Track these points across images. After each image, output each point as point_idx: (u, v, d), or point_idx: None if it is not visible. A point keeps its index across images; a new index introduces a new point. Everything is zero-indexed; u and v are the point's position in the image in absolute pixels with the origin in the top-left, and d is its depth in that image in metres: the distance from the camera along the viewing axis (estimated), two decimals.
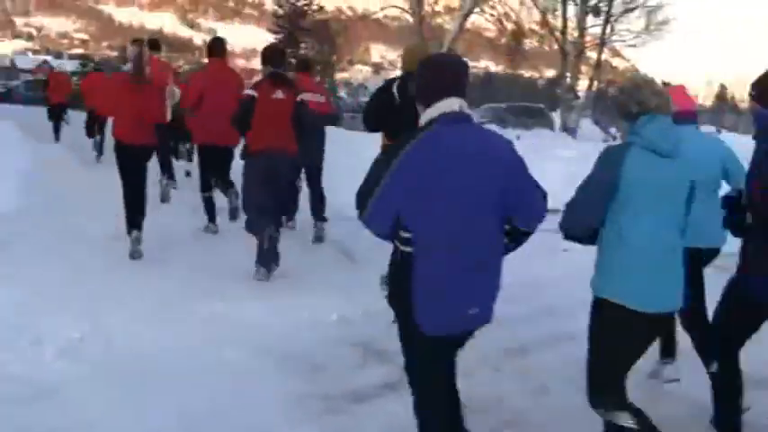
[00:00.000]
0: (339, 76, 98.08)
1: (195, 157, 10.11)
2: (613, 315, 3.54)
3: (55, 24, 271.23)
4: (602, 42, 31.03)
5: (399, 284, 3.30)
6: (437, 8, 23.95)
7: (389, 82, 6.26)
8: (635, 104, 3.61)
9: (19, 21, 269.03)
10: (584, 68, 32.25)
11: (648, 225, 3.47)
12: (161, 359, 5.19)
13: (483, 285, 3.43)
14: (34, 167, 10.78)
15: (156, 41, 10.97)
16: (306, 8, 71.54)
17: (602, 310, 3.62)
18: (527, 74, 58.46)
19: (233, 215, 8.23)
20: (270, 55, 7.39)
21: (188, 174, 11.97)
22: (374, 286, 6.26)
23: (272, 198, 7.05)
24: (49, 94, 18.90)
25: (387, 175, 3.14)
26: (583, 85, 32.61)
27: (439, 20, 34.33)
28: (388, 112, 6.02)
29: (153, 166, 8.49)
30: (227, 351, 5.43)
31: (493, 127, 24.07)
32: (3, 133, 14.03)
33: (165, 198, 10.37)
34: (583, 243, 3.84)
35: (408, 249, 3.22)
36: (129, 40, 8.97)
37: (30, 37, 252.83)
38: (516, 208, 3.39)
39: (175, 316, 5.97)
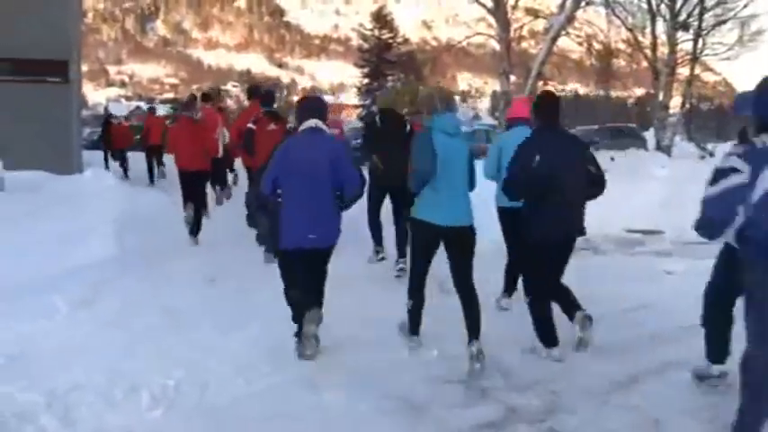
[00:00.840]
0: None
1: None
2: (417, 229, 6.24)
3: (146, 71, 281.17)
4: (693, 58, 30.84)
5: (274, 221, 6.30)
6: (522, 32, 24.56)
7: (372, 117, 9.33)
8: (429, 107, 6.33)
9: (112, 69, 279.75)
10: (675, 85, 32.10)
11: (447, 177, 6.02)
12: (256, 403, 5.26)
13: (318, 223, 6.11)
14: (130, 213, 11.85)
15: (207, 95, 15.50)
16: (391, 41, 72.92)
17: (414, 225, 6.25)
18: (616, 94, 58.17)
19: None
20: (264, 97, 10.47)
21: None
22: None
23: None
24: (145, 137, 21.77)
25: (272, 160, 6.23)
26: (675, 102, 32.47)
27: (524, 44, 35.00)
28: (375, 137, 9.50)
29: None
30: (324, 393, 5.43)
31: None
32: (99, 180, 15.30)
33: (219, 201, 13.13)
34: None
35: (279, 200, 6.14)
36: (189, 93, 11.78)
37: (122, 84, 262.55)
38: (341, 182, 6.19)
39: (269, 358, 6.05)
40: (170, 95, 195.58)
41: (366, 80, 74.13)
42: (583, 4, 18.36)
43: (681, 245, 11.47)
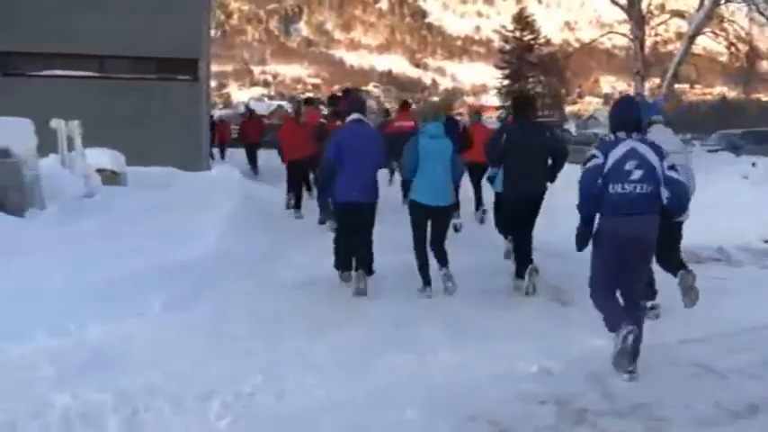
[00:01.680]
0: (569, 108, 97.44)
1: None
2: (412, 207, 8.61)
3: (289, 71, 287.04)
4: None
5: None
6: (667, 34, 23.56)
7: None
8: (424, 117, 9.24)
9: (256, 69, 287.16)
10: None
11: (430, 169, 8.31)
12: (334, 417, 5.02)
13: (362, 188, 8.45)
14: (244, 211, 12.11)
15: (311, 99, 18.51)
16: (532, 42, 72.09)
17: (411, 207, 8.61)
18: (766, 98, 55.46)
19: None
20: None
21: None
22: (584, 333, 6.46)
23: None
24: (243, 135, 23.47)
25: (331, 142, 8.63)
26: None
27: (670, 46, 33.60)
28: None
29: None
30: (406, 410, 5.09)
31: (725, 155, 23.45)
32: (224, 177, 15.52)
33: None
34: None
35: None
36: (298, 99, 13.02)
37: (266, 84, 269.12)
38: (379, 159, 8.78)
39: (352, 368, 5.84)
40: (312, 95, 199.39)
41: (507, 81, 73.50)
42: (722, 1, 17.35)
43: None
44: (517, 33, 73.58)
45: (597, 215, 6.10)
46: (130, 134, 18.80)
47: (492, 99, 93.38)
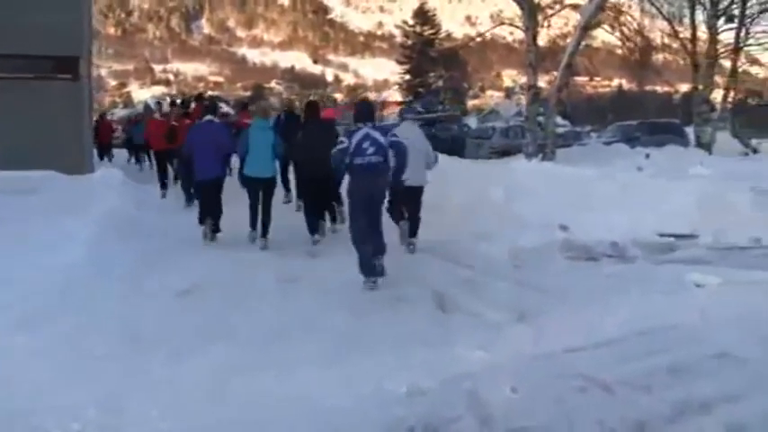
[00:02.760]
0: (471, 103, 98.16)
1: None
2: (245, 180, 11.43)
3: (191, 69, 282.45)
4: (736, 49, 29.10)
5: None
6: (567, 28, 23.38)
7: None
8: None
9: (157, 67, 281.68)
10: (720, 80, 30.51)
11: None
12: None
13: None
14: (121, 216, 11.87)
15: (200, 95, 21.12)
16: (433, 37, 72.06)
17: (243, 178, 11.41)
18: (663, 90, 56.72)
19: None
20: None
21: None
22: (463, 345, 6.09)
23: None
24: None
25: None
26: (719, 96, 30.87)
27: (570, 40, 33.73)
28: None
29: None
30: None
31: (621, 146, 23.64)
32: (104, 180, 14.82)
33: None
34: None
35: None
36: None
37: (168, 83, 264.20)
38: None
39: (205, 393, 5.35)
40: (214, 93, 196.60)
41: (408, 77, 73.30)
42: None
43: (717, 251, 10.36)
44: (418, 28, 73.36)
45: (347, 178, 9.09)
46: (7, 137, 17.84)
47: (395, 95, 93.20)
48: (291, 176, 13.84)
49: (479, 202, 12.12)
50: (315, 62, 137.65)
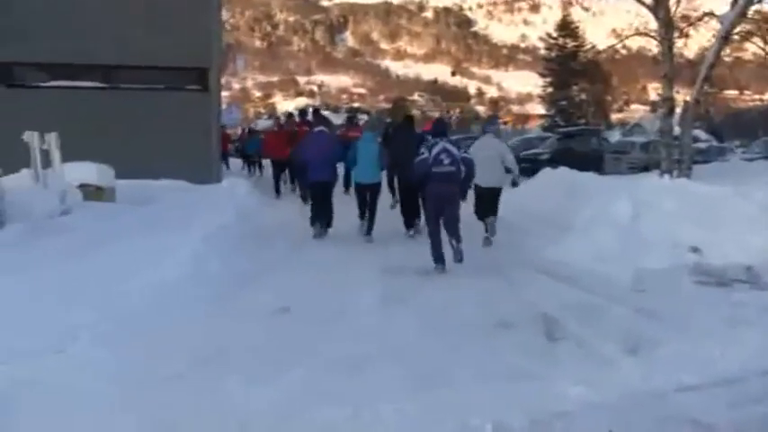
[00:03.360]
0: (615, 116, 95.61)
1: None
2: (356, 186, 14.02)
3: (335, 81, 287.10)
4: None
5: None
6: (708, 43, 22.14)
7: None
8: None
9: (301, 79, 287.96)
10: None
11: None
12: None
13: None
14: (233, 229, 11.81)
15: (317, 110, 22.68)
16: (576, 50, 70.34)
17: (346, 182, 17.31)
18: None
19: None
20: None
21: None
22: (566, 379, 5.67)
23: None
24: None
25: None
26: None
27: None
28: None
29: None
30: None
31: (763, 163, 22.22)
32: (227, 190, 14.95)
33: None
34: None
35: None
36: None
37: (311, 94, 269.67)
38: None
39: (268, 427, 5.02)
40: (357, 105, 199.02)
41: (551, 90, 71.81)
42: None
43: None
44: (560, 41, 71.77)
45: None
46: (139, 146, 18.36)
47: (538, 108, 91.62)
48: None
49: (602, 219, 11.42)
50: (453, 74, 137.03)
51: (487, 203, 12.84)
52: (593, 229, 11.32)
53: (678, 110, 17.34)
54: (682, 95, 20.86)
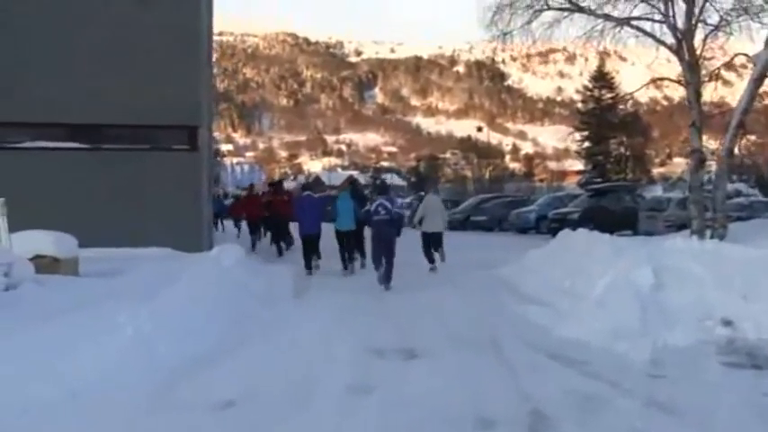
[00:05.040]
0: (657, 171, 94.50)
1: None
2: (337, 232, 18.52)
3: (364, 139, 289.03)
4: None
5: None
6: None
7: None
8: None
9: (329, 138, 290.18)
10: None
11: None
12: None
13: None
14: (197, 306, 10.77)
15: (281, 181, 30.75)
16: (613, 101, 69.24)
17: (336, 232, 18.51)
18: None
19: None
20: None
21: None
22: None
23: None
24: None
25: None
26: None
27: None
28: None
29: None
30: None
31: None
32: (212, 260, 14.27)
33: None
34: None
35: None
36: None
37: (340, 153, 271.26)
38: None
39: None
40: (386, 164, 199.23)
41: (587, 144, 70.37)
42: None
43: None
44: (596, 92, 70.70)
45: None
46: (123, 211, 17.85)
47: (576, 164, 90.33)
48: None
49: (621, 287, 10.45)
50: (479, 130, 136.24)
51: (433, 243, 18.61)
52: (610, 300, 10.39)
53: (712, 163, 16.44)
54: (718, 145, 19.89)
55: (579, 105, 76.31)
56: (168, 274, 12.70)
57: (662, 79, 18.56)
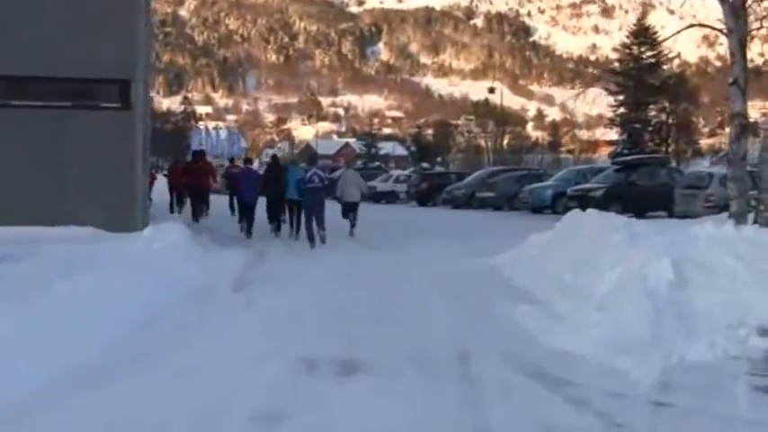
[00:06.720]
0: (705, 142, 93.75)
1: None
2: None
3: (365, 102, 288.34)
4: None
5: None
6: None
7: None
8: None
9: (325, 101, 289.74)
10: None
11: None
12: None
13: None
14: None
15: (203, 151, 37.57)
16: (654, 61, 68.03)
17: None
18: None
19: None
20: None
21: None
22: None
23: None
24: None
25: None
26: None
27: None
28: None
29: None
30: None
31: None
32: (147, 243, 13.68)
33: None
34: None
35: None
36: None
37: (336, 118, 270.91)
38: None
39: None
40: (389, 131, 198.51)
41: (622, 110, 69.28)
42: None
43: None
44: (636, 50, 69.24)
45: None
46: (39, 181, 17.23)
47: (610, 133, 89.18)
48: None
49: (632, 285, 9.59)
50: (491, 91, 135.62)
51: (351, 210, 23.67)
52: (616, 300, 9.56)
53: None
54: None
55: (616, 65, 75.20)
56: (75, 261, 12.13)
57: (700, 26, 17.65)
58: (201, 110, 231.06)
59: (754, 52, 15.89)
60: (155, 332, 10.01)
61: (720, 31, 15.64)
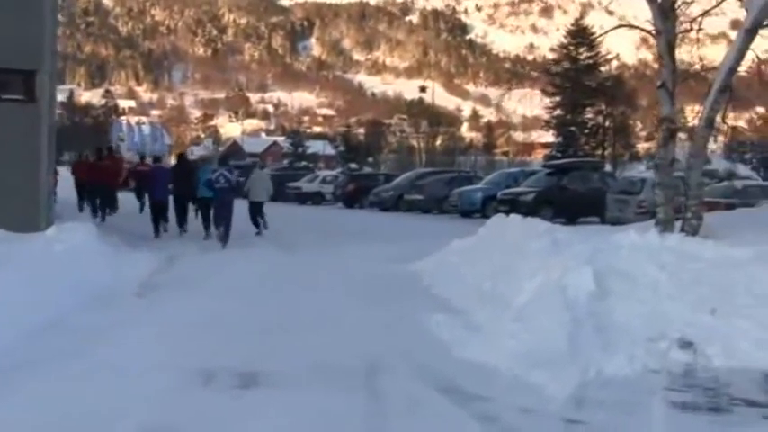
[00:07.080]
0: (642, 146, 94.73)
1: None
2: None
3: (295, 99, 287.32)
4: None
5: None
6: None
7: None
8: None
9: (253, 97, 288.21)
10: None
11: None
12: None
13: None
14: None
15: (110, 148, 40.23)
16: (591, 62, 68.65)
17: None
18: None
19: None
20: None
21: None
22: None
23: None
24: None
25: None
26: None
27: None
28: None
29: None
30: None
31: None
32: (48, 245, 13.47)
33: None
34: None
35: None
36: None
37: (265, 115, 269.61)
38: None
39: None
40: (320, 129, 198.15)
41: (558, 111, 69.77)
42: None
43: None
44: (573, 51, 69.75)
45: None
46: None
47: (546, 135, 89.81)
48: None
49: (550, 295, 9.54)
50: (422, 90, 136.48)
51: (257, 210, 25.00)
52: (533, 311, 9.46)
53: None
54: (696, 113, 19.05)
55: (553, 66, 75.65)
56: None
57: (629, 26, 17.76)
58: (124, 104, 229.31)
59: (684, 54, 15.86)
60: (45, 339, 9.71)
61: (649, 32, 15.68)
